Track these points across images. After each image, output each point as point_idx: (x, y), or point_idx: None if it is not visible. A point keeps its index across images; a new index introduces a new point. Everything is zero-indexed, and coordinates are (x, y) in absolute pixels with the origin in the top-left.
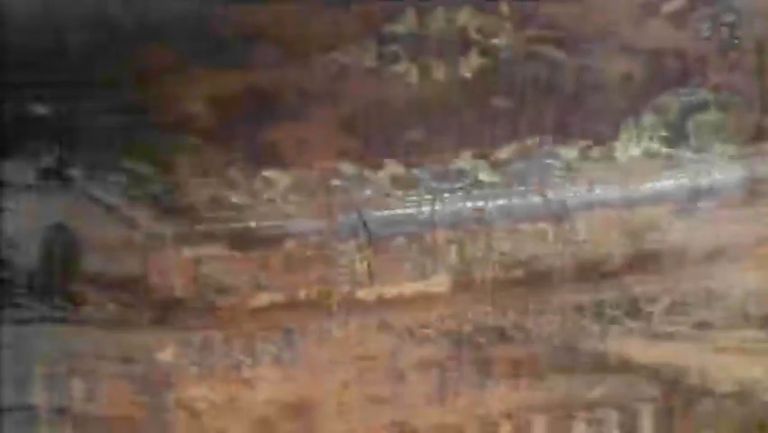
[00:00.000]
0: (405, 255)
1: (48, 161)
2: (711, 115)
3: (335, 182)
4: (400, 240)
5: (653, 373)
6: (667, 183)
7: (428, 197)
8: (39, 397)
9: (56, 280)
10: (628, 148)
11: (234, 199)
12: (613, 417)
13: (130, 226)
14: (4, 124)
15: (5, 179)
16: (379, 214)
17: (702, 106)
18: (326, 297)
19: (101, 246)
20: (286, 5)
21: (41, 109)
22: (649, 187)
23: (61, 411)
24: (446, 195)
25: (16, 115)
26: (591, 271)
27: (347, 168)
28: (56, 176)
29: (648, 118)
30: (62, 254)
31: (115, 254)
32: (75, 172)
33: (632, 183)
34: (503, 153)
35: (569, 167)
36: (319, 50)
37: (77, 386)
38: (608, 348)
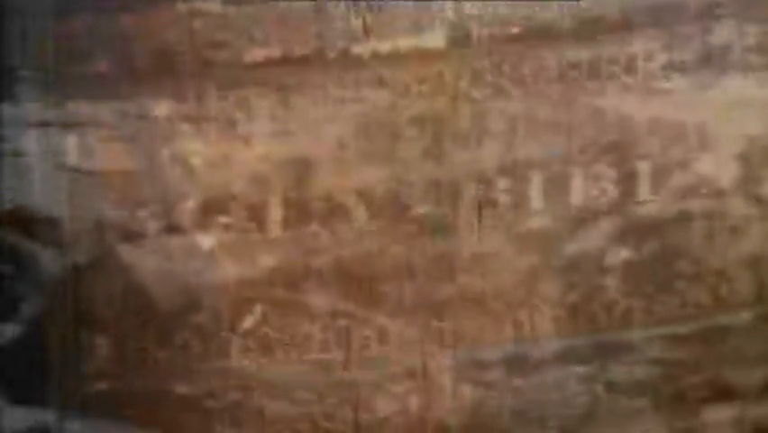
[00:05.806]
0: (400, 10)
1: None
2: None
3: None
4: None
5: (650, 129)
6: None
7: None
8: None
9: None
10: None
11: None
12: (610, 173)
13: None
14: None
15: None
16: None
17: None
18: (321, 53)
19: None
20: None
21: None
22: None
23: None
24: None
25: None
26: (589, 27)
27: None
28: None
29: None
30: None
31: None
32: None
33: None
34: None
35: None
36: None
37: (72, 141)
38: (606, 104)
